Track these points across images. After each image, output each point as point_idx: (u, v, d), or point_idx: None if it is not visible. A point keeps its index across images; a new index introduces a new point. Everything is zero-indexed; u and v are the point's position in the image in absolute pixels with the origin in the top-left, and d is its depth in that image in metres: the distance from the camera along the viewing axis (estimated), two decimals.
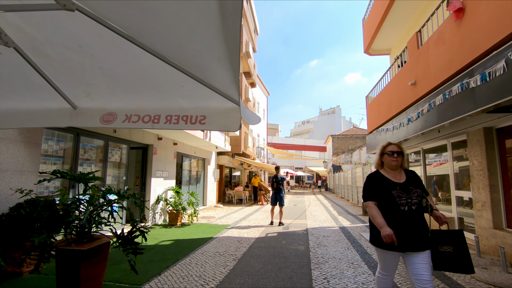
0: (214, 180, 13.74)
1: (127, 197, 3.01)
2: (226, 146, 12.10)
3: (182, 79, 2.13)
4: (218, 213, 11.09)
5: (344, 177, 20.63)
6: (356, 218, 10.02)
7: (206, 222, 8.82)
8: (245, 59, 16.74)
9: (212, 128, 2.42)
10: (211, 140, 9.94)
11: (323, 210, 12.71)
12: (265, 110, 31.77)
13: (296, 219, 9.76)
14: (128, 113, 2.41)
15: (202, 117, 2.41)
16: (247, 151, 16.36)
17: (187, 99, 2.44)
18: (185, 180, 10.70)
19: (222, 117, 2.40)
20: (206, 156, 12.70)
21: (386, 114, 7.59)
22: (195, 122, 2.40)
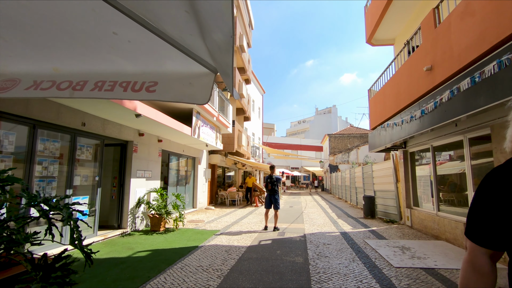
0: (205, 181, 12.90)
1: (59, 208, 2.14)
2: (217, 144, 11.29)
3: (111, 19, 1.32)
4: (208, 216, 10.26)
5: (342, 177, 19.93)
6: (357, 221, 9.27)
7: (194, 227, 7.98)
8: (239, 53, 15.93)
9: (165, 98, 1.61)
10: (200, 137, 9.11)
11: (321, 212, 11.96)
12: (260, 108, 30.99)
13: (292, 223, 8.98)
14: (39, 78, 1.59)
15: (151, 83, 1.59)
16: (240, 150, 15.55)
17: (129, 58, 1.63)
18: (172, 180, 9.86)
19: (183, 84, 1.60)
20: (197, 155, 11.86)
21: (393, 107, 6.85)
22: (139, 89, 1.58)
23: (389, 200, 9.48)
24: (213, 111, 9.82)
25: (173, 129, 7.41)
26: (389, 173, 9.43)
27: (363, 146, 27.96)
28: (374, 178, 10.94)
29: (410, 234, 7.02)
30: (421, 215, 7.24)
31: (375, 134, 8.15)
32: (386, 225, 8.53)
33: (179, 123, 7.42)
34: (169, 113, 8.87)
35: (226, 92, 13.47)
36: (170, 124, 6.95)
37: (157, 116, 6.22)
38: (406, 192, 8.24)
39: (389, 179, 9.39)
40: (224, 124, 11.54)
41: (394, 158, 9.02)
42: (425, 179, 7.40)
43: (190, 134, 8.32)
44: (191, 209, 11.40)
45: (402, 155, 8.37)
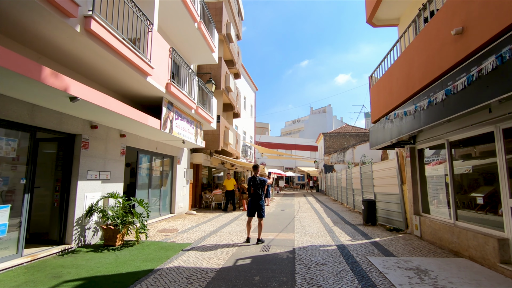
0: (186, 182, 11.55)
1: None
2: (198, 141, 9.95)
3: None
4: (185, 223, 8.92)
5: (338, 178, 18.74)
6: (356, 230, 8.02)
7: (162, 239, 6.64)
8: (226, 43, 14.61)
9: None
10: (174, 132, 7.77)
11: (314, 217, 10.70)
12: (252, 105, 29.71)
13: (281, 232, 7.69)
14: None
15: None
16: (228, 148, 14.23)
17: None
18: (142, 183, 8.49)
19: None
20: (175, 154, 10.50)
21: (403, 92, 5.61)
22: None
23: (393, 205, 8.26)
24: (191, 102, 8.48)
25: (135, 121, 6.07)
26: (392, 173, 8.20)
27: (360, 145, 26.87)
28: (374, 179, 9.72)
29: (422, 248, 5.78)
30: (434, 225, 6.00)
31: (377, 128, 6.91)
32: (389, 234, 7.29)
33: (141, 113, 6.08)
34: (133, 101, 7.52)
35: (210, 84, 12.15)
36: (127, 113, 5.60)
37: (106, 102, 4.86)
38: (414, 196, 7.01)
39: (393, 181, 8.17)
40: (206, 119, 10.21)
41: (398, 156, 7.79)
42: (437, 180, 6.17)
43: (159, 128, 6.97)
44: (168, 214, 10.04)
45: (409, 152, 7.15)
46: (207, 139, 12.51)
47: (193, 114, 9.10)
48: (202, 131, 10.55)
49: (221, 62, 13.10)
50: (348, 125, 31.87)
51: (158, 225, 8.41)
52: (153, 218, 8.95)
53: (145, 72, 5.86)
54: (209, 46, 10.51)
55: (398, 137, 5.61)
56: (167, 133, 7.41)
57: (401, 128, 5.48)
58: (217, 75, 12.99)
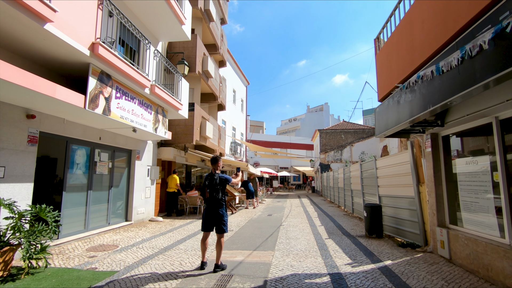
0: (151, 183, 9.53)
1: None
2: (159, 131, 7.94)
3: None
4: (138, 235, 6.91)
5: (334, 178, 16.81)
6: (357, 245, 6.06)
7: (81, 262, 4.63)
8: (205, 22, 12.62)
9: None
10: (113, 114, 5.77)
11: (305, 225, 8.73)
12: (243, 100, 27.72)
13: (256, 249, 5.70)
14: None
15: None
16: (206, 143, 12.23)
17: None
18: (75, 183, 6.46)
19: None
20: (133, 147, 8.49)
21: (435, 36, 3.66)
22: None
23: (404, 212, 6.32)
24: (142, 79, 6.48)
25: (40, 95, 4.09)
26: (404, 170, 6.26)
27: (358, 143, 24.97)
28: (379, 179, 7.77)
29: (459, 280, 3.83)
30: (474, 244, 4.06)
31: (387, 107, 4.96)
32: (403, 253, 5.34)
33: (41, 80, 4.08)
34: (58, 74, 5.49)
35: (182, 66, 10.15)
36: (13, 78, 3.61)
37: None
38: (438, 200, 5.07)
39: (405, 180, 6.22)
40: (172, 104, 8.22)
41: (414, 147, 5.85)
42: (477, 179, 4.23)
43: (83, 106, 4.97)
44: (121, 223, 8.01)
45: (430, 141, 5.20)
46: (177, 131, 10.50)
47: (148, 95, 7.10)
48: (166, 120, 8.54)
49: (197, 41, 11.10)
50: (346, 122, 29.99)
51: (97, 239, 6.39)
52: (96, 229, 6.93)
53: (39, 15, 3.86)
54: (177, 15, 8.49)
55: (421, 112, 3.65)
56: (99, 114, 5.40)
57: (429, 97, 3.51)
58: (191, 56, 10.99)
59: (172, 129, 10.56)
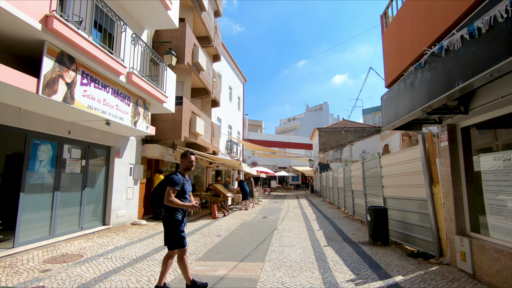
0: (134, 183, 8.73)
1: None
2: (139, 125, 7.13)
3: None
4: (112, 242, 6.11)
5: (334, 178, 16.03)
6: (361, 255, 5.27)
7: (25, 280, 3.82)
8: (197, 11, 11.83)
9: None
10: (78, 103, 4.97)
11: (302, 229, 7.94)
12: (240, 98, 26.92)
13: (242, 260, 4.90)
14: None
15: None
16: (197, 140, 11.43)
17: None
18: (40, 182, 5.66)
19: None
20: (112, 143, 7.69)
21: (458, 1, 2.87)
22: None
23: (414, 216, 5.53)
24: (115, 64, 5.68)
25: None
26: (413, 168, 5.48)
27: (358, 142, 24.20)
28: (384, 178, 6.99)
29: None
30: (507, 259, 3.28)
31: (397, 92, 4.17)
32: (415, 264, 4.55)
33: None
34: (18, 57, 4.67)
35: (169, 56, 9.37)
36: None
37: None
38: (456, 204, 4.29)
39: (415, 179, 5.44)
40: (155, 95, 7.42)
41: (426, 142, 5.07)
42: (508, 178, 3.45)
43: (35, 91, 4.17)
44: (98, 227, 7.21)
45: (447, 134, 4.43)
46: (164, 126, 9.70)
47: (125, 83, 6.29)
48: (148, 113, 7.73)
49: (186, 30, 10.30)
50: (346, 120, 29.19)
51: (63, 247, 5.58)
52: (64, 234, 6.13)
53: None
54: None
55: (446, 92, 2.84)
56: (59, 102, 4.60)
57: (457, 71, 2.69)
58: (179, 46, 10.18)
59: (158, 125, 9.76)
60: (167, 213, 3.39)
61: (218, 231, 7.63)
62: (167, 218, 3.39)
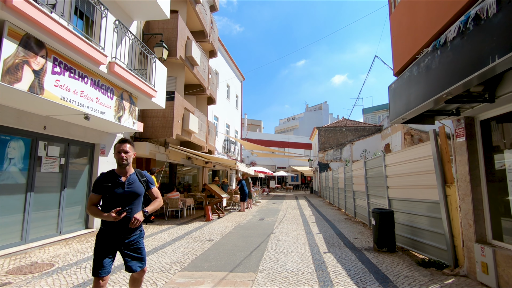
0: None
1: None
2: (123, 121, 6.58)
3: None
4: (92, 248, 5.57)
5: (334, 178, 15.50)
6: (365, 263, 4.74)
7: None
8: (191, 4, 11.27)
9: None
10: (48, 93, 4.43)
11: (300, 232, 7.40)
12: (238, 96, 26.39)
13: (232, 270, 4.36)
14: None
15: None
16: (191, 138, 10.89)
17: None
18: (9, 183, 5.11)
19: None
20: (96, 140, 7.14)
21: None
22: None
23: (424, 219, 5.00)
24: (94, 52, 5.14)
25: None
26: (423, 167, 4.94)
27: (359, 141, 23.69)
28: (388, 178, 6.45)
29: None
30: None
31: (408, 80, 3.63)
32: (427, 276, 4.02)
33: None
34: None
35: (160, 49, 8.83)
36: None
37: None
38: (475, 207, 3.76)
39: (425, 179, 4.91)
40: (142, 89, 6.88)
41: (438, 137, 4.53)
42: None
43: None
44: (79, 231, 6.67)
45: (464, 128, 3.90)
46: (154, 123, 9.17)
47: (106, 74, 5.74)
48: (135, 108, 7.19)
49: (178, 22, 9.76)
50: (346, 119, 28.67)
51: (35, 255, 5.03)
52: (39, 240, 5.58)
53: None
54: None
55: (478, 71, 2.29)
56: (25, 92, 4.06)
57: (491, 44, 2.17)
58: (171, 38, 9.64)
59: (149, 121, 9.23)
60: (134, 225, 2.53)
61: (210, 234, 7.09)
62: (140, 232, 2.75)
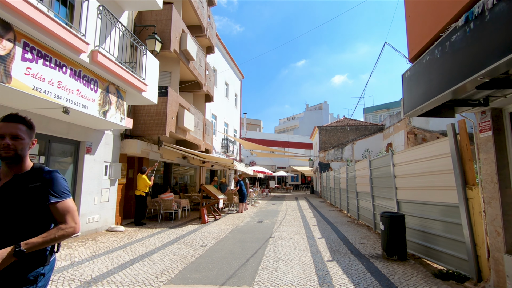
0: (110, 183, 7.67)
1: None
2: (110, 116, 6.07)
3: None
4: (73, 255, 5.06)
5: (335, 178, 14.98)
6: (375, 274, 4.23)
7: None
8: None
9: None
10: (16, 82, 3.91)
11: (301, 237, 6.89)
12: (237, 94, 25.88)
13: (224, 283, 3.84)
14: None
15: None
16: (186, 136, 10.38)
17: None
18: None
19: None
20: (81, 137, 6.63)
21: None
22: None
23: (439, 225, 4.49)
24: (73, 39, 4.63)
25: None
26: (439, 166, 4.43)
27: (360, 140, 23.20)
28: (397, 179, 5.93)
29: None
30: None
31: (428, 64, 3.12)
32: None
33: None
34: None
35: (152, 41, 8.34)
36: None
37: None
38: (504, 211, 3.26)
39: (441, 180, 4.39)
40: (131, 83, 6.38)
41: (456, 133, 4.02)
42: None
43: None
44: None
45: (490, 121, 3.38)
46: (147, 120, 8.66)
47: (88, 64, 5.23)
48: (123, 102, 6.67)
49: (172, 13, 9.24)
50: (347, 118, 28.14)
51: None
52: None
53: None
54: None
55: None
56: None
57: None
58: (165, 30, 9.12)
59: (140, 118, 8.72)
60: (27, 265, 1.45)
61: (204, 239, 6.58)
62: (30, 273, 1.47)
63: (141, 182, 8.45)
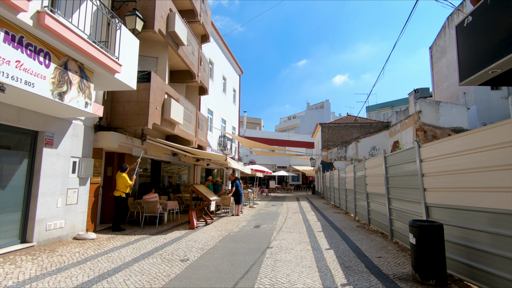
0: (80, 183, 6.51)
1: None
2: (68, 100, 4.91)
3: None
4: (13, 274, 3.90)
5: (340, 178, 13.78)
6: None
7: None
8: None
9: None
10: None
11: (305, 247, 5.72)
12: (236, 90, 24.70)
13: None
14: None
15: None
16: (174, 130, 9.21)
17: None
18: None
19: None
20: (39, 127, 5.47)
21: None
22: None
23: (487, 238, 3.30)
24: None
25: None
26: (494, 160, 3.26)
27: (365, 138, 22.01)
28: (426, 177, 4.75)
29: None
30: None
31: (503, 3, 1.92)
32: None
33: None
34: None
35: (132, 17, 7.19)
36: None
37: None
38: None
39: (495, 179, 3.22)
40: (99, 60, 5.21)
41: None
42: None
43: None
44: (13, 246, 5.01)
45: None
46: (126, 109, 7.51)
47: (33, 29, 4.06)
48: (90, 84, 5.49)
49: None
50: (350, 115, 26.91)
51: None
52: None
53: None
54: None
55: None
56: None
57: None
58: (148, 8, 7.96)
59: (119, 107, 7.57)
60: None
61: (187, 251, 5.42)
62: None
63: (121, 181, 7.30)
